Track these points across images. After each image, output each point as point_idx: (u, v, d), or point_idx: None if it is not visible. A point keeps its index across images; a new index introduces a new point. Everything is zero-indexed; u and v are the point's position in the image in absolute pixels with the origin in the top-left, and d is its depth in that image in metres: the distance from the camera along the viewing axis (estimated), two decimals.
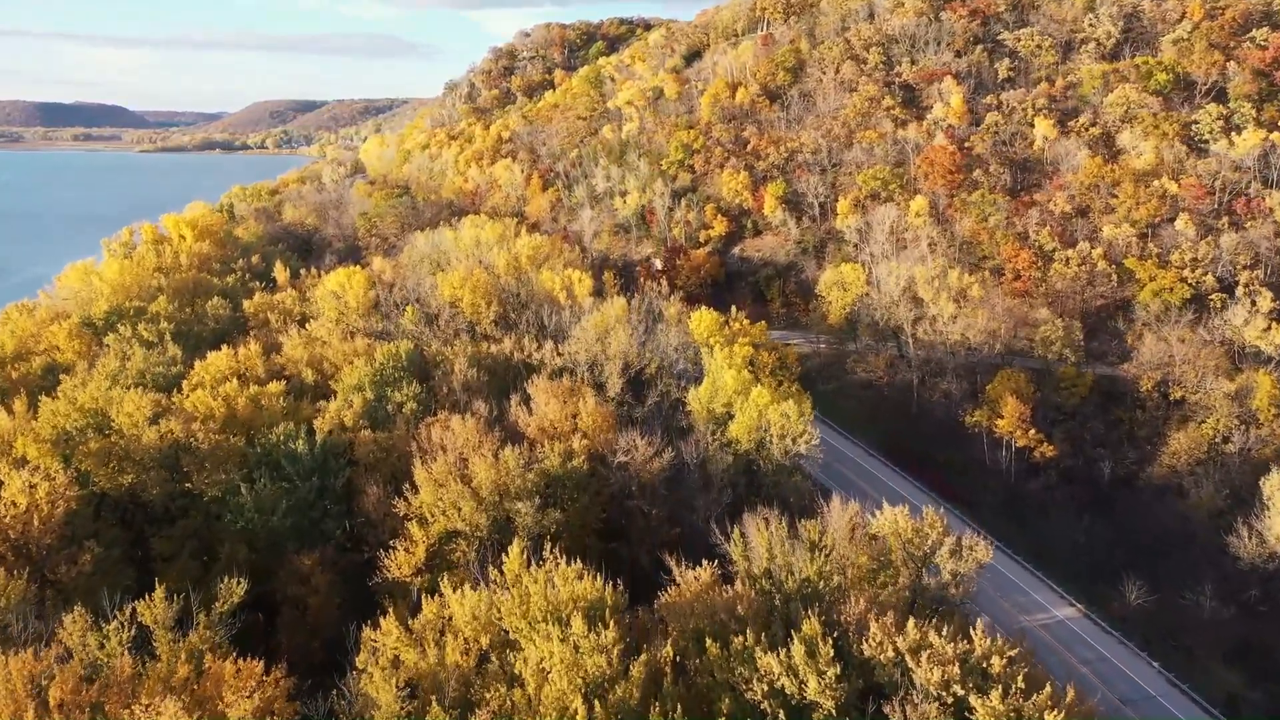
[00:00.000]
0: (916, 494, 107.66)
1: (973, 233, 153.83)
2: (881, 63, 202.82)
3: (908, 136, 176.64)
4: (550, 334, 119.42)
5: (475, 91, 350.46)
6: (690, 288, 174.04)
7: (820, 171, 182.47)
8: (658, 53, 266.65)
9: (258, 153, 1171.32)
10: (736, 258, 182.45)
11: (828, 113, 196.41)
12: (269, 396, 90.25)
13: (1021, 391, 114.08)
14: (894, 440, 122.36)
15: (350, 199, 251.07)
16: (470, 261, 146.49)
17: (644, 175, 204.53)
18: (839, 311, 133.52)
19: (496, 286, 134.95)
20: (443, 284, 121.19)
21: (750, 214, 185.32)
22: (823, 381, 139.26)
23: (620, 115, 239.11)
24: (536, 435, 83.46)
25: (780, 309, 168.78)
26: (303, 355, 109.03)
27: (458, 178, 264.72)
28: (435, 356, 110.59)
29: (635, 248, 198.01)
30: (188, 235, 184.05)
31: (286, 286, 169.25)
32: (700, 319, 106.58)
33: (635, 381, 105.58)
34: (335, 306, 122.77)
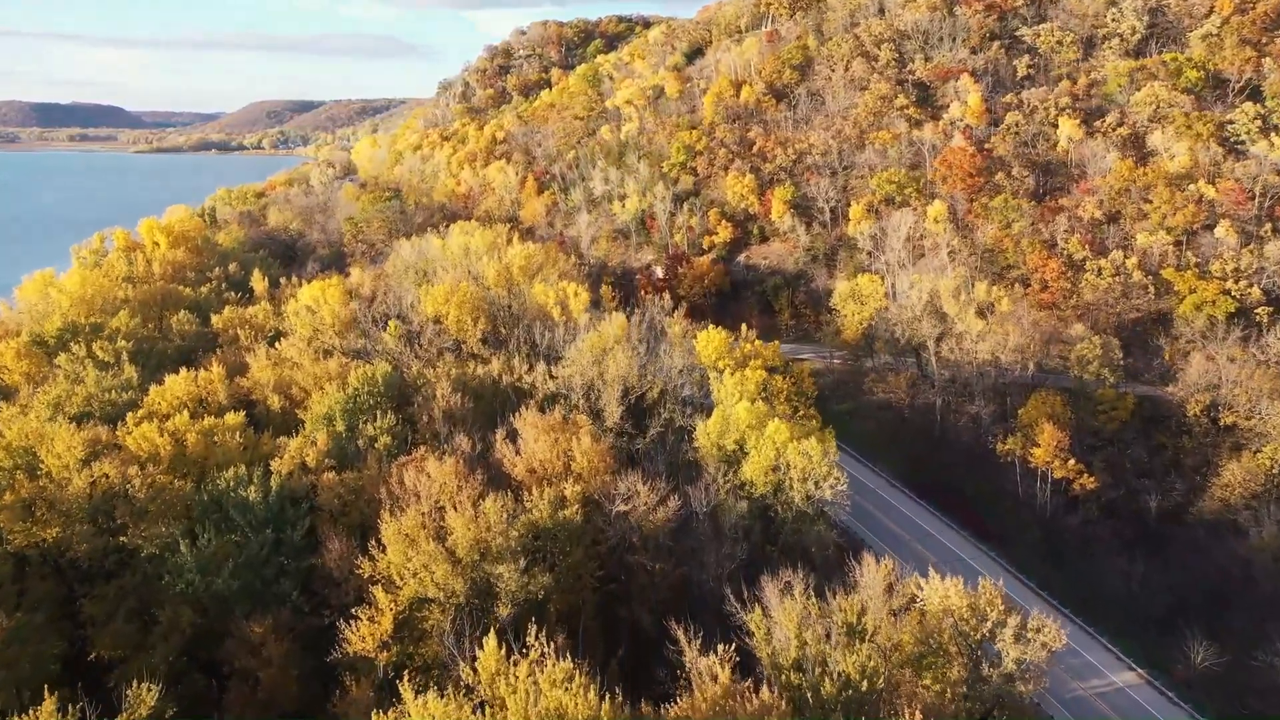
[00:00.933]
0: (945, 531, 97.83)
1: (996, 240, 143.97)
2: (893, 60, 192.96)
3: (923, 137, 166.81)
4: (543, 353, 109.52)
5: (469, 91, 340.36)
6: (693, 297, 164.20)
7: (831, 174, 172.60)
8: (658, 50, 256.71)
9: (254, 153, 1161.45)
10: (742, 266, 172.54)
11: (837, 112, 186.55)
12: (224, 430, 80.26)
13: (1058, 416, 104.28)
14: (917, 468, 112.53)
15: (338, 202, 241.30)
16: (458, 272, 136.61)
17: (644, 178, 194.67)
18: (855, 327, 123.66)
19: (485, 300, 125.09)
20: (426, 299, 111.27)
21: (757, 219, 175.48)
22: (837, 400, 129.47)
23: (619, 115, 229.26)
24: (524, 478, 73.57)
25: (789, 320, 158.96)
26: (270, 379, 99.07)
27: (450, 180, 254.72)
28: (416, 379, 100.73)
29: (635, 254, 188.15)
30: (161, 242, 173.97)
31: (264, 298, 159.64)
32: (708, 340, 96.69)
33: (636, 408, 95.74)
34: (309, 323, 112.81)
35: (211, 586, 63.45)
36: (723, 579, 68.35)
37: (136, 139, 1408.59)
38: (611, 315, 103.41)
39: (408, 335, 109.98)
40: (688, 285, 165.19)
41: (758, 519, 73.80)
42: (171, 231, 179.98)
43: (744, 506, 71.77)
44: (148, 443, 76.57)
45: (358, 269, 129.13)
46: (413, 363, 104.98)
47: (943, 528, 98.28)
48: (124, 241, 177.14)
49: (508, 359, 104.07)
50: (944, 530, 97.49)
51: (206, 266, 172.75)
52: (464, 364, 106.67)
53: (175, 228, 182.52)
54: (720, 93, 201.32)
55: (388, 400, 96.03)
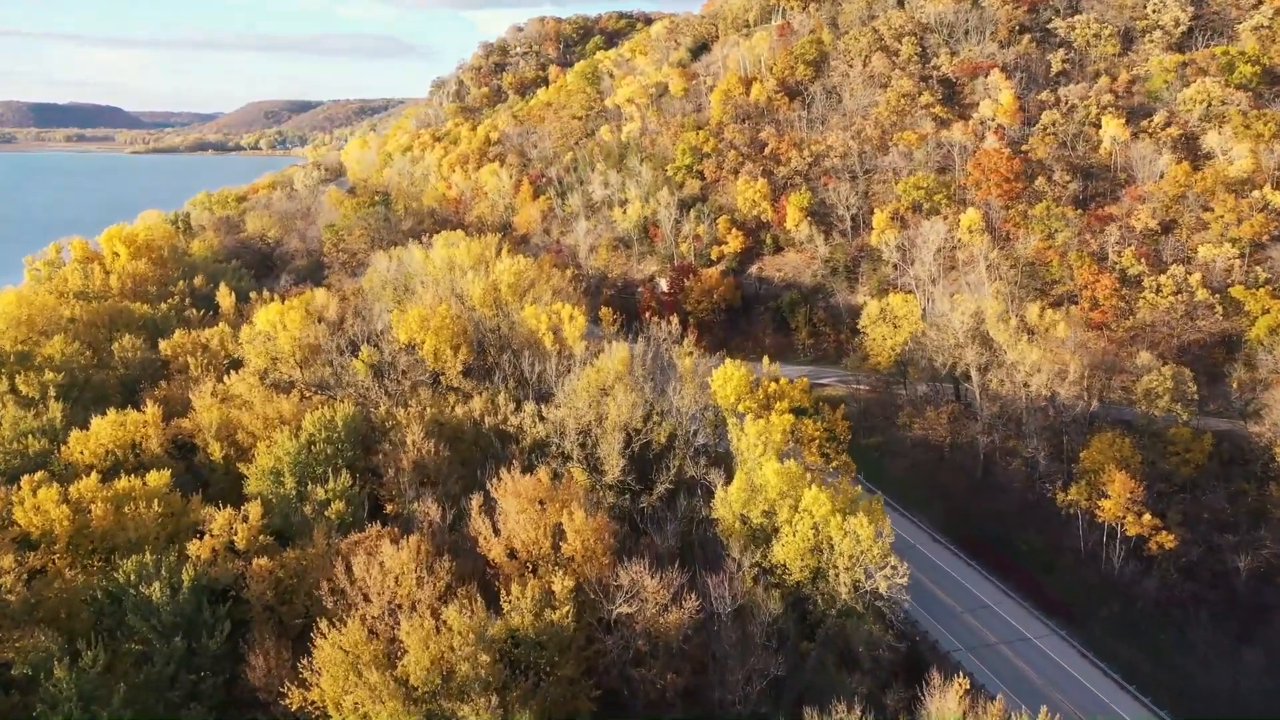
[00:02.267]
0: (1002, 600, 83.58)
1: (1038, 253, 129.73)
2: (916, 54, 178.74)
3: (952, 138, 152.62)
4: (532, 388, 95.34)
5: (464, 90, 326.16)
6: (701, 313, 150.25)
7: (851, 179, 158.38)
8: (661, 46, 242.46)
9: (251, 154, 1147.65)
10: (754, 278, 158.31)
11: (856, 111, 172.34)
12: (141, 497, 66.00)
13: (1128, 461, 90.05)
14: (960, 517, 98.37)
15: (321, 208, 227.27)
16: (441, 289, 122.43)
17: (646, 182, 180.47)
18: (887, 353, 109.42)
19: (471, 323, 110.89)
20: (398, 324, 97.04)
21: (770, 228, 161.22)
22: (865, 433, 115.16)
23: (619, 115, 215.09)
24: (503, 563, 59.48)
25: (807, 339, 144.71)
26: (213, 421, 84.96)
27: (440, 183, 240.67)
28: (384, 421, 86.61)
29: (637, 265, 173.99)
30: (122, 253, 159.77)
31: (230, 315, 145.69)
32: (725, 377, 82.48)
33: (641, 457, 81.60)
34: (265, 351, 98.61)
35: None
36: (751, 697, 54.27)
37: (133, 139, 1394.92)
38: (612, 345, 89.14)
39: (378, 366, 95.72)
40: (695, 300, 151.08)
41: (792, 613, 59.60)
42: (134, 241, 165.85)
43: (776, 600, 57.52)
44: (41, 516, 62.43)
45: (322, 292, 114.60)
46: (382, 400, 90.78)
47: (999, 596, 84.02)
48: (81, 252, 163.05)
49: (491, 396, 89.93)
50: (1001, 600, 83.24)
51: (171, 279, 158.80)
52: (442, 399, 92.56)
53: (139, 237, 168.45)
54: (729, 90, 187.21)
55: (350, 447, 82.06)
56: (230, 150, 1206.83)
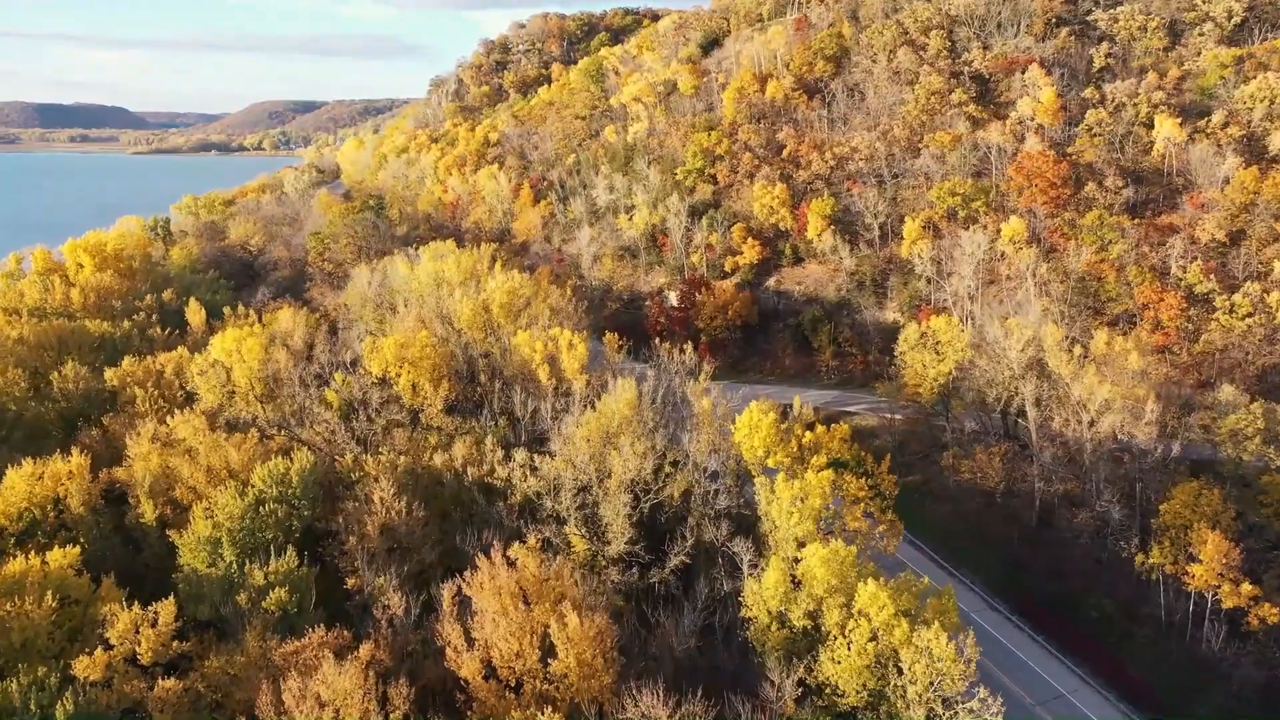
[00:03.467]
0: (1080, 689, 70.68)
1: (1091, 267, 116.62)
2: (945, 49, 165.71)
3: (989, 139, 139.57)
4: (525, 429, 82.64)
5: (463, 89, 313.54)
6: (714, 331, 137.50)
7: (878, 184, 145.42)
8: (669, 41, 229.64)
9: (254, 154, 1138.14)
10: (772, 292, 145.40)
11: (882, 110, 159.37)
12: (34, 587, 53.32)
13: (1219, 517, 77.05)
14: (1015, 575, 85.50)
15: (310, 213, 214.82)
16: (426, 308, 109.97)
17: (655, 187, 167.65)
18: (929, 385, 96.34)
19: (459, 348, 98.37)
20: (370, 355, 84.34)
21: (789, 237, 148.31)
22: (902, 470, 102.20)
23: (625, 114, 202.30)
24: (477, 685, 46.77)
25: (831, 361, 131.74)
26: (148, 473, 72.43)
27: (436, 187, 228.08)
28: (348, 472, 74.05)
29: (644, 277, 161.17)
30: (86, 263, 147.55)
31: (200, 333, 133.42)
32: (752, 425, 69.50)
33: (651, 517, 68.94)
34: (218, 386, 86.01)
35: None
36: None
37: (137, 140, 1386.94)
38: (616, 383, 76.27)
39: (348, 404, 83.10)
40: (707, 316, 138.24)
41: None
42: (101, 251, 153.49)
43: None
44: None
45: (287, 314, 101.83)
46: (348, 446, 78.11)
47: (1075, 681, 71.14)
48: (43, 263, 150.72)
49: (477, 439, 77.23)
50: (1078, 688, 70.35)
51: (139, 292, 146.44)
52: (420, 441, 79.90)
53: (107, 246, 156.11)
54: (743, 88, 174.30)
55: (308, 505, 69.55)
56: (233, 151, 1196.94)
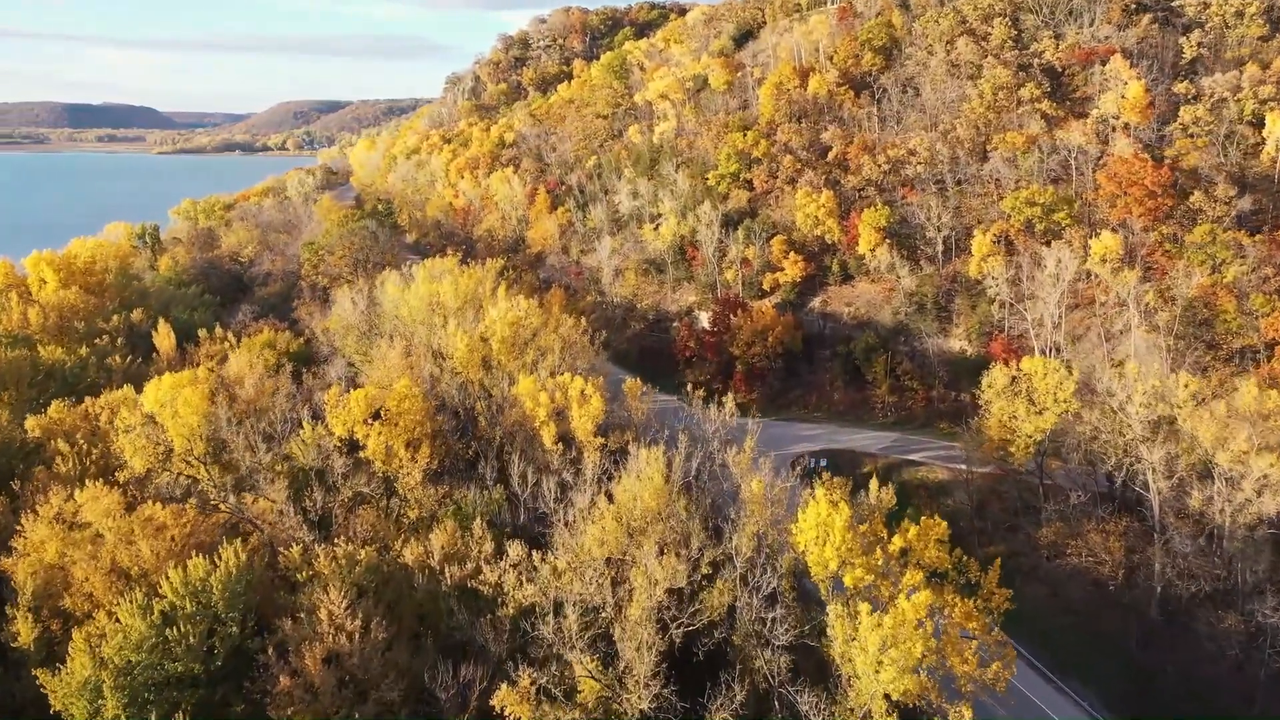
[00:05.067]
0: None
1: (1203, 292, 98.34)
2: (1010, 39, 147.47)
3: (1069, 140, 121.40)
4: (524, 506, 65.93)
5: (480, 86, 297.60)
6: (751, 359, 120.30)
7: (939, 191, 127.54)
8: (699, 34, 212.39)
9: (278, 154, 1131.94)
10: (817, 314, 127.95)
11: (940, 107, 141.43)
12: None
13: None
14: (1143, 693, 67.75)
15: (311, 219, 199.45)
16: (417, 340, 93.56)
17: (683, 193, 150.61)
18: (1024, 444, 78.50)
19: (452, 388, 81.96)
20: (333, 412, 67.75)
21: (837, 251, 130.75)
22: (982, 538, 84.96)
23: (651, 112, 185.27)
24: None
25: (888, 396, 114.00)
26: (29, 578, 56.20)
27: (447, 191, 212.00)
28: (295, 569, 57.63)
29: (672, 294, 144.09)
30: (50, 279, 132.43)
31: (168, 361, 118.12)
32: (821, 523, 52.03)
33: (686, 649, 52.02)
34: (149, 447, 69.80)
35: None
36: None
37: (163, 140, 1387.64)
38: (640, 455, 59.23)
39: (303, 475, 66.68)
40: (744, 341, 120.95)
41: None
42: (70, 265, 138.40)
43: None
44: None
45: (239, 358, 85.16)
46: (298, 533, 61.68)
47: None
48: (3, 278, 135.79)
49: (461, 526, 60.54)
50: None
51: (107, 311, 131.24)
52: (391, 522, 63.35)
53: (77, 259, 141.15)
54: (781, 83, 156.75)
55: (236, 619, 53.21)
56: (257, 151, 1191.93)
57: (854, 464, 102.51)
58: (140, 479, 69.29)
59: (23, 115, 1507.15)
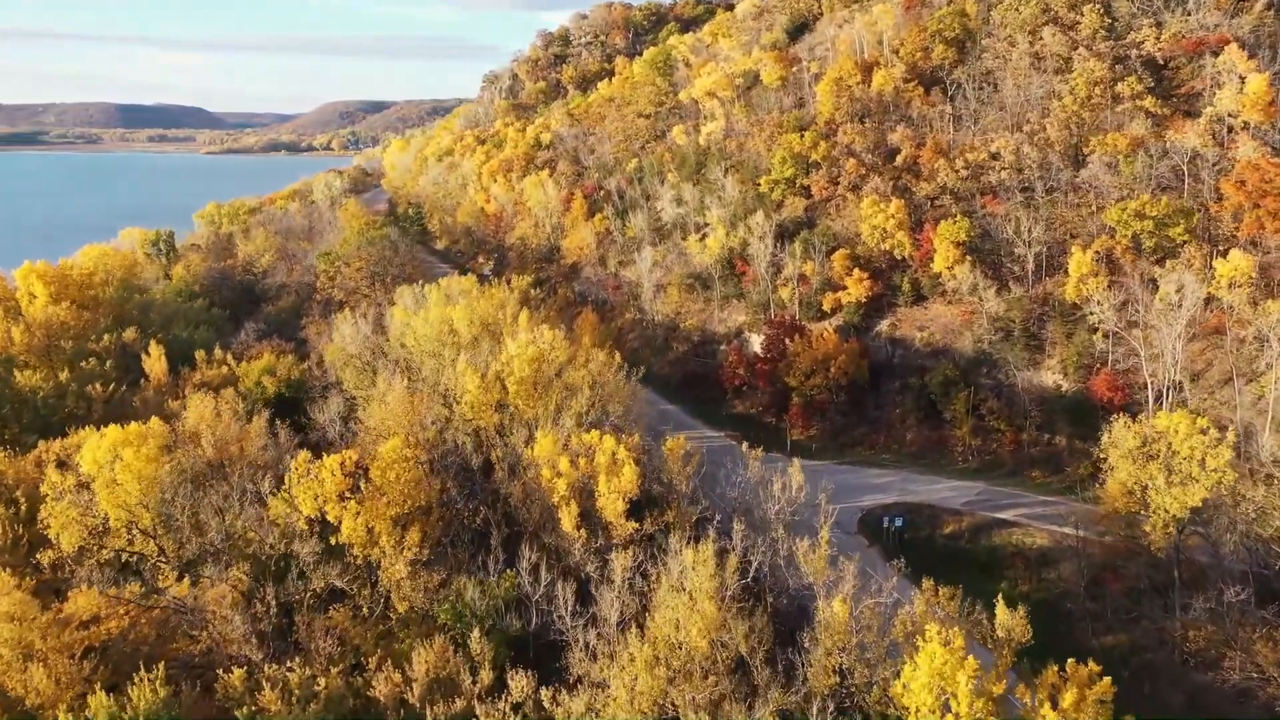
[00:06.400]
0: None
1: None
2: (1102, 28, 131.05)
3: (1183, 143, 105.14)
4: (535, 608, 52.19)
5: (517, 85, 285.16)
6: (810, 390, 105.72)
7: (1027, 202, 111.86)
8: (749, 27, 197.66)
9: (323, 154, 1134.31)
10: (885, 340, 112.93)
11: (1024, 105, 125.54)
12: None
13: None
14: None
15: (333, 225, 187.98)
16: (425, 376, 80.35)
17: (733, 200, 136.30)
18: (1162, 520, 63.07)
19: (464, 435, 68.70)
20: (299, 485, 54.33)
21: (908, 268, 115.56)
22: (1096, 625, 69.92)
23: (697, 111, 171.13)
24: None
25: (970, 437, 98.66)
26: None
27: (479, 195, 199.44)
28: (233, 702, 44.32)
29: (719, 313, 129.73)
30: (40, 293, 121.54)
31: (163, 385, 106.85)
32: (933, 671, 37.42)
33: None
34: (80, 520, 56.98)
35: None
36: None
37: (212, 140, 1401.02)
38: (688, 554, 45.16)
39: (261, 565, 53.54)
40: (801, 370, 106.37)
41: None
42: (63, 277, 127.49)
43: None
44: None
45: (197, 405, 71.85)
46: (245, 648, 48.49)
47: None
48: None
49: (454, 643, 46.92)
50: None
51: (98, 329, 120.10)
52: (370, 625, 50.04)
53: (70, 271, 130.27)
54: (842, 78, 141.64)
55: None
56: (302, 151, 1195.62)
57: (934, 522, 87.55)
58: (73, 559, 56.66)
59: (78, 116, 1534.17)
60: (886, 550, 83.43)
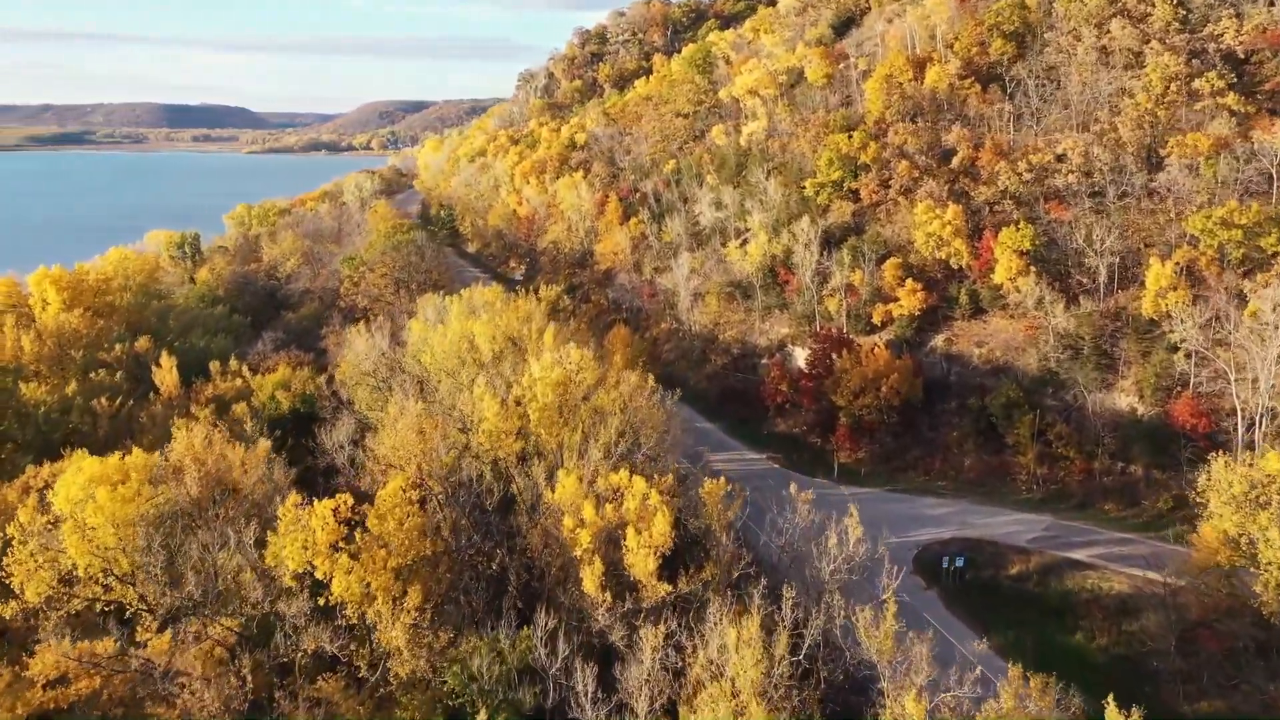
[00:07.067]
0: None
1: None
2: (1176, 20, 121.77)
3: (1271, 144, 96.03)
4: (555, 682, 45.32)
5: (553, 84, 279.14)
6: (859, 410, 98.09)
7: (1096, 208, 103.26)
8: (793, 22, 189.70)
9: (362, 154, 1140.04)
10: (940, 356, 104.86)
11: (1091, 102, 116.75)
12: None
13: None
14: None
15: (361, 228, 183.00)
16: (439, 400, 73.94)
17: (775, 204, 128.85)
18: (1275, 584, 54.91)
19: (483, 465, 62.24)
20: (286, 538, 47.84)
21: (965, 278, 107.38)
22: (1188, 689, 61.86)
23: (738, 110, 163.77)
24: None
25: (1035, 466, 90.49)
26: None
27: (511, 197, 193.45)
28: None
29: (760, 324, 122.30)
30: (52, 300, 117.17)
31: (171, 399, 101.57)
32: None
33: None
34: (44, 570, 51.01)
35: None
36: None
37: (255, 139, 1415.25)
38: (731, 634, 38.12)
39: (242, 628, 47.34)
40: (850, 389, 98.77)
41: None
42: (78, 283, 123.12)
43: None
44: None
45: (182, 440, 65.49)
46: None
47: None
48: (4, 298, 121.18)
49: None
50: None
51: (110, 338, 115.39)
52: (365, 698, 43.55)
53: (85, 277, 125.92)
54: (892, 75, 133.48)
55: None
56: (342, 150, 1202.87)
57: (998, 561, 79.58)
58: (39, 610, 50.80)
59: (125, 116, 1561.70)
60: (947, 592, 75.85)
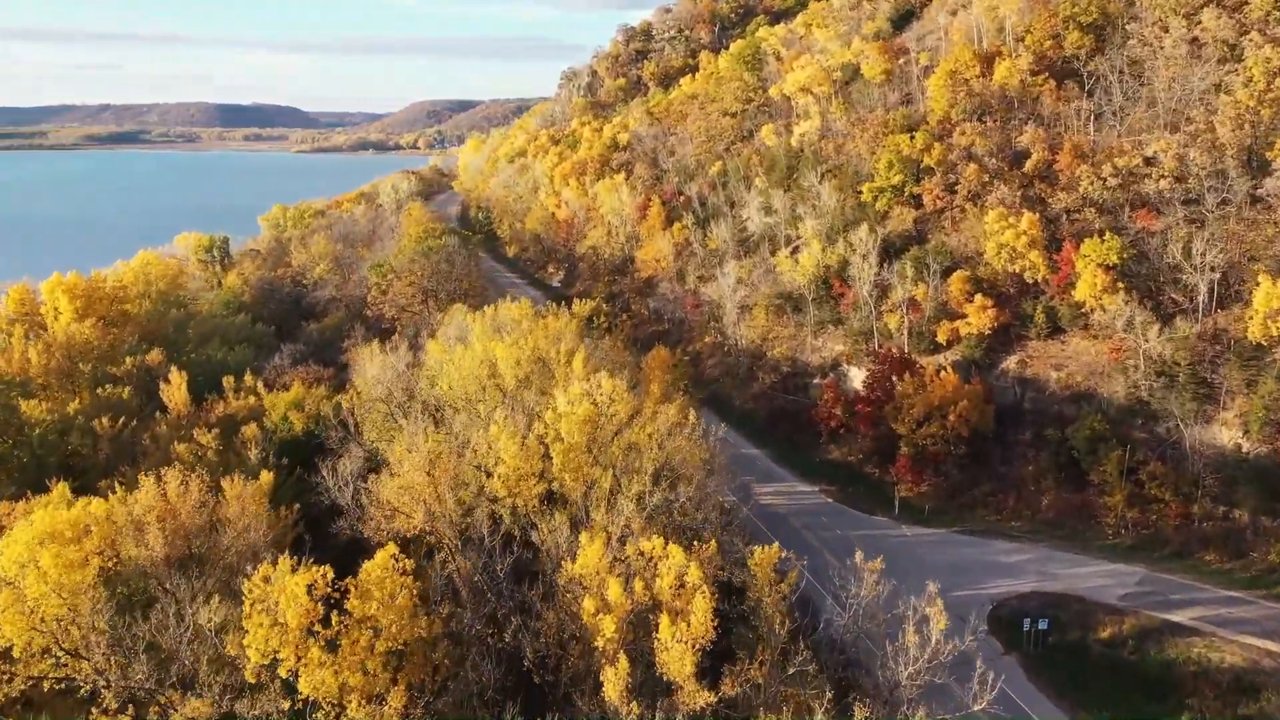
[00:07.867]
0: None
1: None
2: (1277, 9, 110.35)
3: None
4: None
5: (596, 82, 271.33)
6: (923, 440, 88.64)
7: (1192, 217, 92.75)
8: (847, 16, 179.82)
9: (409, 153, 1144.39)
10: (1013, 380, 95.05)
11: (1183, 100, 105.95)
12: None
13: None
14: None
15: (398, 231, 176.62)
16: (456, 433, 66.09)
17: (829, 210, 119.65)
18: None
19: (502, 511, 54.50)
20: (252, 620, 40.11)
21: (1041, 294, 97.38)
22: None
23: (789, 108, 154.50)
24: None
25: (1125, 507, 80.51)
26: None
27: (550, 199, 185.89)
28: None
29: (812, 341, 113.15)
30: (64, 309, 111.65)
31: (181, 417, 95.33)
32: None
33: None
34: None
35: None
36: None
37: (303, 139, 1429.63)
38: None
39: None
40: (912, 417, 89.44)
41: None
42: (92, 290, 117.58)
43: None
44: None
45: (149, 490, 58.10)
46: None
47: None
48: (16, 306, 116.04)
49: None
50: None
51: (122, 349, 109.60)
52: None
53: (100, 284, 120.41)
54: (957, 70, 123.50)
55: None
56: (389, 149, 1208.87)
57: (1086, 620, 69.82)
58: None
59: (178, 115, 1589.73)
60: (1028, 658, 66.36)
